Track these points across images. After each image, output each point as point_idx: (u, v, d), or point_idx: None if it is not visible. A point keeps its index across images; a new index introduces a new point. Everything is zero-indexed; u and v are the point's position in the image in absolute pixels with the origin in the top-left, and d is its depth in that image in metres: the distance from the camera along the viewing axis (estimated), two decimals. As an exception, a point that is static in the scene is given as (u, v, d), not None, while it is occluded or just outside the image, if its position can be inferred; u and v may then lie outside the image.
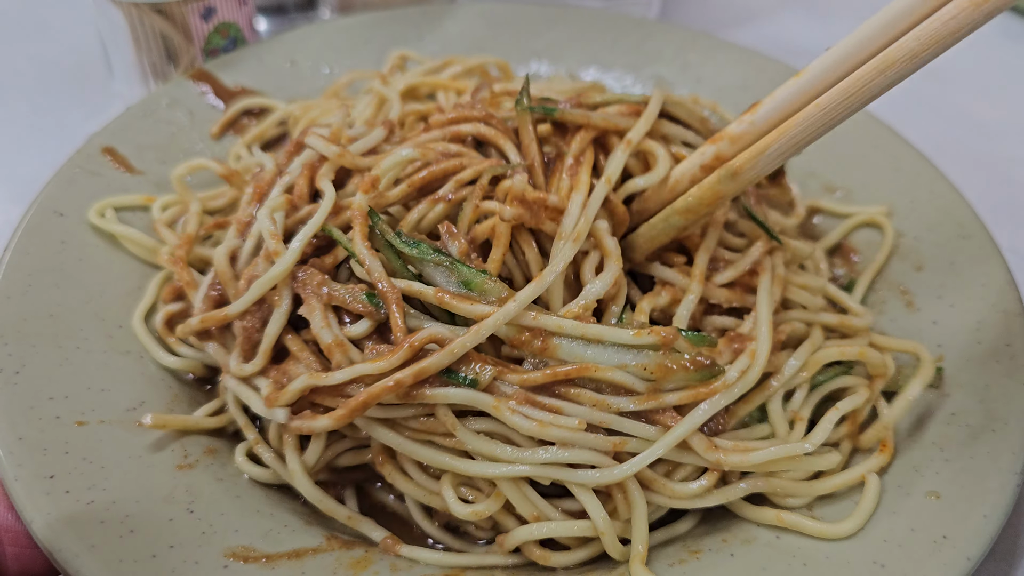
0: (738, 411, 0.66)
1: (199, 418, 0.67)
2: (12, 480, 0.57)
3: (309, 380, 0.61)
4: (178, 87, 0.94)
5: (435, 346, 0.60)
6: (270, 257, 0.66)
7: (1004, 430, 0.64)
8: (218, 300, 0.70)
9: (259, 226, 0.68)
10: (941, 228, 0.82)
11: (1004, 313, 0.73)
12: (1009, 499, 0.60)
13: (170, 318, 0.74)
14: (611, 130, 0.72)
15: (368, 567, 0.59)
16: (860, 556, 0.59)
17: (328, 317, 0.64)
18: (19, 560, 0.57)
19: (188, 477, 0.63)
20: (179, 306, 0.74)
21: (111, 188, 0.82)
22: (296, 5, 1.28)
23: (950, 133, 1.15)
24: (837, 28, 1.40)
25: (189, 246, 0.76)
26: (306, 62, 1.02)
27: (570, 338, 0.61)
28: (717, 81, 1.03)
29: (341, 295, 0.64)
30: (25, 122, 1.09)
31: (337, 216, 0.69)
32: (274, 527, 0.62)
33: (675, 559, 0.61)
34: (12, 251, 0.72)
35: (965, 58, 1.34)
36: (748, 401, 0.66)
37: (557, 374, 0.60)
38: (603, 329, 0.61)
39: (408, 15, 1.08)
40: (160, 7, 0.94)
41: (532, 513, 0.61)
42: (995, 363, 0.70)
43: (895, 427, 0.68)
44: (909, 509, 0.61)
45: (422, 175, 0.69)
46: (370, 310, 0.63)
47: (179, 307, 0.74)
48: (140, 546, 0.56)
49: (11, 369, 0.64)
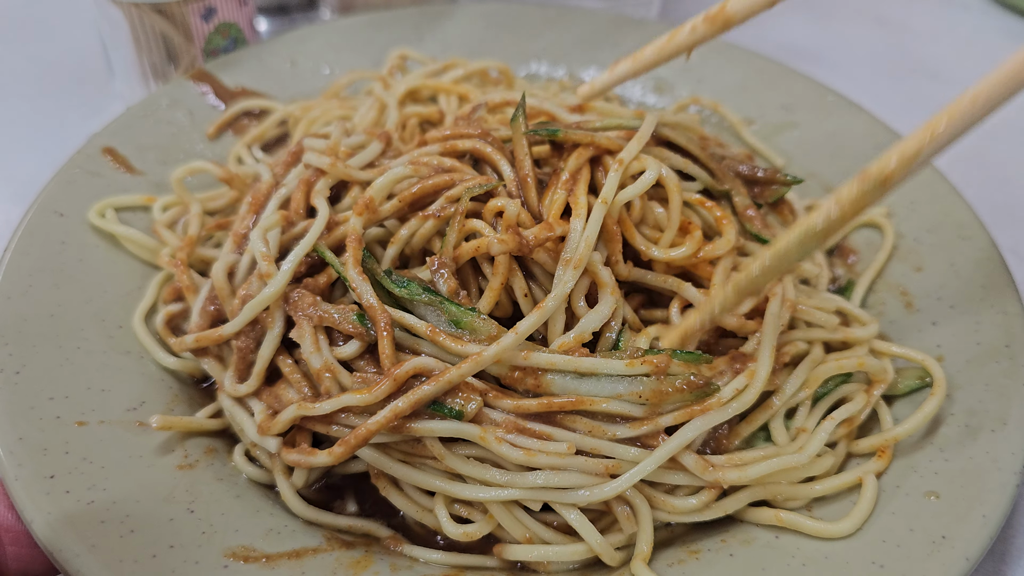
0: (741, 431, 0.66)
1: (202, 420, 0.67)
2: (12, 480, 0.57)
3: (298, 411, 0.62)
4: (178, 87, 0.94)
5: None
6: (263, 278, 0.67)
7: (1003, 431, 0.64)
8: (215, 316, 0.70)
9: (252, 247, 0.68)
10: (941, 229, 0.82)
11: (1004, 314, 0.73)
12: (1008, 500, 0.60)
13: (170, 318, 0.74)
14: (614, 150, 0.71)
15: (368, 567, 0.60)
16: (859, 556, 0.59)
17: (319, 340, 0.64)
18: (20, 560, 0.57)
19: (188, 477, 0.63)
20: (179, 307, 0.74)
21: (111, 188, 0.82)
22: (297, 5, 1.28)
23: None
24: (837, 28, 1.40)
25: (190, 248, 0.77)
26: (306, 62, 1.02)
27: (563, 373, 0.61)
28: (718, 82, 1.04)
29: (332, 316, 0.64)
30: (25, 122, 1.09)
31: (332, 232, 0.69)
32: (274, 527, 0.62)
33: (675, 559, 0.61)
34: (12, 251, 0.72)
35: (965, 58, 1.34)
36: (750, 421, 0.66)
37: (552, 405, 0.61)
38: (596, 362, 0.61)
39: (408, 15, 1.08)
40: (161, 7, 0.94)
41: (524, 535, 0.61)
42: (994, 364, 0.70)
43: (898, 438, 0.67)
44: (908, 509, 0.61)
45: (413, 191, 0.69)
46: (360, 331, 0.63)
47: (179, 308, 0.74)
48: (140, 546, 0.56)
49: (12, 369, 0.64)
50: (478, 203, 0.69)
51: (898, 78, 1.28)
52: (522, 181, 0.70)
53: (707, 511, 0.62)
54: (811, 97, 0.99)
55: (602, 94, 0.84)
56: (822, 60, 1.30)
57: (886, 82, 1.27)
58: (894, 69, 1.31)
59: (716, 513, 0.62)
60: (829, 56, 1.31)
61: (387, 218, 0.71)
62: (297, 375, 0.65)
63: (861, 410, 0.68)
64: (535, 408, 0.61)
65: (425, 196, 0.70)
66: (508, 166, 0.71)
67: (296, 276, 0.67)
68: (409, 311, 0.64)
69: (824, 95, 0.98)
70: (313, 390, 0.65)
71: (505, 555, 0.61)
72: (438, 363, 0.61)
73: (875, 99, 1.02)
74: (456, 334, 0.62)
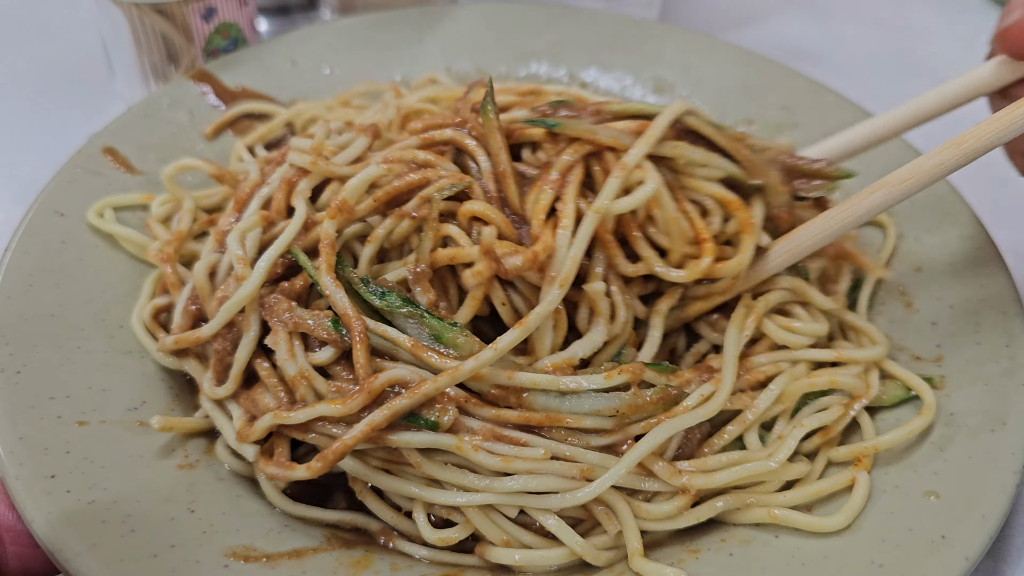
0: (714, 443, 0.66)
1: (202, 420, 0.67)
2: (13, 479, 0.57)
3: (274, 419, 0.62)
4: (179, 87, 0.94)
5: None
6: (238, 280, 0.66)
7: (1003, 430, 0.64)
8: (196, 315, 0.70)
9: (228, 248, 0.68)
10: (940, 229, 0.82)
11: (1003, 314, 0.73)
12: (1008, 499, 0.60)
13: (157, 312, 0.73)
14: (617, 148, 0.66)
15: (368, 567, 0.60)
16: (858, 556, 0.59)
17: (294, 347, 0.63)
18: (20, 560, 0.57)
19: (189, 477, 0.63)
20: (166, 300, 0.74)
21: (112, 188, 0.82)
22: (297, 6, 1.28)
23: (949, 133, 1.14)
24: (837, 29, 1.40)
25: (179, 243, 0.76)
26: (307, 63, 1.02)
27: (545, 392, 0.62)
28: (718, 83, 1.04)
29: (307, 322, 0.63)
30: (25, 122, 1.09)
31: (309, 233, 0.68)
32: (275, 526, 0.62)
33: (674, 559, 0.61)
34: (13, 251, 0.72)
35: (965, 59, 1.34)
36: (723, 435, 0.66)
37: (531, 419, 0.61)
38: (577, 380, 0.61)
39: (409, 16, 1.08)
40: (161, 7, 0.94)
41: (502, 539, 0.61)
42: (994, 364, 0.70)
43: (879, 449, 0.66)
44: (907, 509, 0.61)
45: (387, 190, 0.68)
46: (335, 338, 0.62)
47: (166, 301, 0.74)
48: (141, 546, 0.56)
49: (12, 369, 0.64)
50: (455, 202, 0.67)
51: (898, 78, 1.28)
52: (500, 177, 0.67)
53: (680, 518, 0.62)
54: (811, 97, 0.99)
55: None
56: (822, 60, 1.29)
57: (886, 82, 1.27)
58: (894, 69, 1.31)
59: (689, 520, 0.62)
60: (829, 56, 1.31)
61: (364, 217, 0.69)
62: (274, 379, 0.65)
63: (837, 420, 0.68)
64: (515, 420, 0.61)
65: (400, 195, 0.68)
66: (486, 157, 0.67)
67: (274, 278, 0.67)
68: (388, 321, 0.63)
69: (824, 95, 0.98)
70: (290, 395, 0.64)
71: (487, 556, 0.61)
72: (413, 374, 0.60)
73: (875, 99, 1.02)
74: (439, 351, 0.62)
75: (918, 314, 0.77)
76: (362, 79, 1.01)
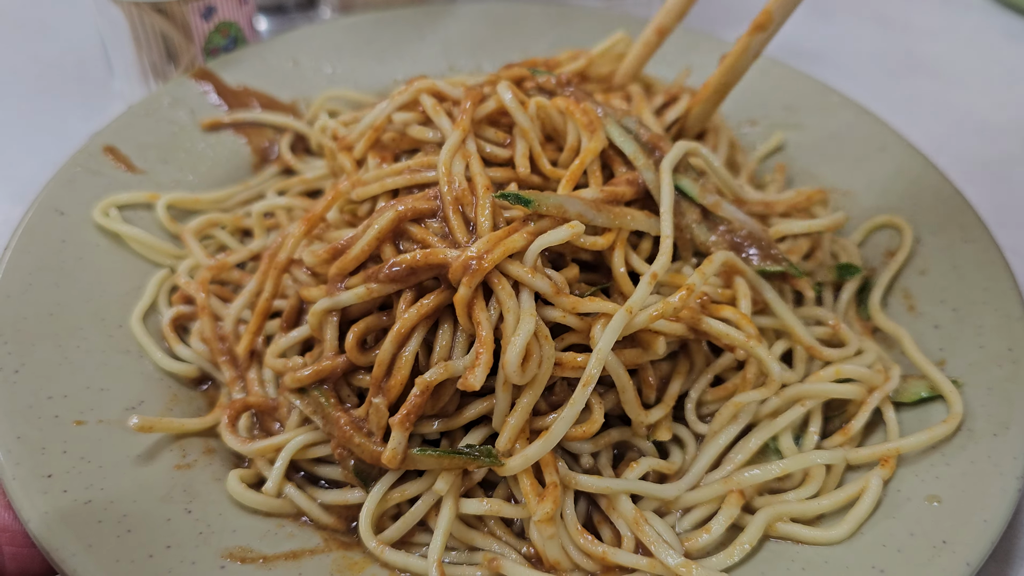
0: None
1: (185, 420, 0.66)
2: (10, 479, 0.57)
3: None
4: (180, 86, 0.94)
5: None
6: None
7: (1005, 435, 0.64)
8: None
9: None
10: (944, 232, 0.82)
11: (1007, 317, 0.72)
12: (1010, 504, 0.60)
13: (176, 320, 0.75)
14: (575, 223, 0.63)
15: (365, 568, 0.59)
16: (859, 561, 0.59)
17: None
18: (17, 560, 0.57)
19: (186, 477, 0.63)
20: (190, 309, 0.76)
21: (112, 187, 0.82)
22: (296, 5, 1.28)
23: (952, 134, 1.14)
24: (837, 28, 1.39)
25: (217, 273, 0.78)
26: (308, 62, 1.02)
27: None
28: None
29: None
30: (25, 122, 1.09)
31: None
32: (271, 528, 0.62)
33: (674, 562, 0.60)
34: (12, 250, 0.72)
35: (967, 58, 1.34)
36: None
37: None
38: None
39: (409, 15, 1.08)
40: (160, 6, 0.94)
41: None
42: (997, 367, 0.69)
43: (901, 451, 0.66)
44: (909, 513, 0.61)
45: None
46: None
47: (190, 310, 0.75)
48: (137, 546, 0.56)
49: (10, 368, 0.64)
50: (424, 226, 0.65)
51: (900, 77, 1.28)
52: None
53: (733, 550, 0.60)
54: (814, 97, 0.98)
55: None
56: (824, 60, 1.29)
57: (888, 81, 1.27)
58: (896, 68, 1.30)
59: (741, 552, 0.60)
60: (831, 56, 1.31)
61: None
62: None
63: (858, 412, 0.68)
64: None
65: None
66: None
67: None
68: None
69: (827, 95, 0.98)
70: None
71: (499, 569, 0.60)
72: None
73: (877, 98, 1.01)
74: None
75: (921, 318, 0.77)
76: (363, 78, 1.01)
